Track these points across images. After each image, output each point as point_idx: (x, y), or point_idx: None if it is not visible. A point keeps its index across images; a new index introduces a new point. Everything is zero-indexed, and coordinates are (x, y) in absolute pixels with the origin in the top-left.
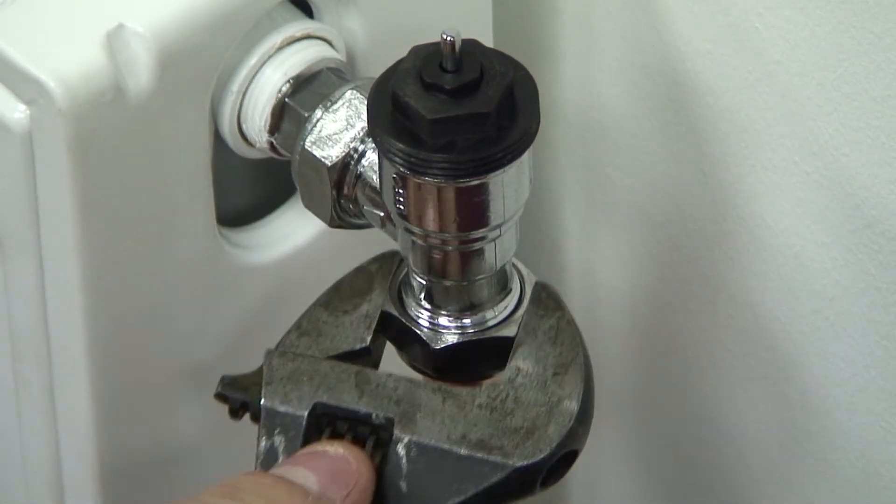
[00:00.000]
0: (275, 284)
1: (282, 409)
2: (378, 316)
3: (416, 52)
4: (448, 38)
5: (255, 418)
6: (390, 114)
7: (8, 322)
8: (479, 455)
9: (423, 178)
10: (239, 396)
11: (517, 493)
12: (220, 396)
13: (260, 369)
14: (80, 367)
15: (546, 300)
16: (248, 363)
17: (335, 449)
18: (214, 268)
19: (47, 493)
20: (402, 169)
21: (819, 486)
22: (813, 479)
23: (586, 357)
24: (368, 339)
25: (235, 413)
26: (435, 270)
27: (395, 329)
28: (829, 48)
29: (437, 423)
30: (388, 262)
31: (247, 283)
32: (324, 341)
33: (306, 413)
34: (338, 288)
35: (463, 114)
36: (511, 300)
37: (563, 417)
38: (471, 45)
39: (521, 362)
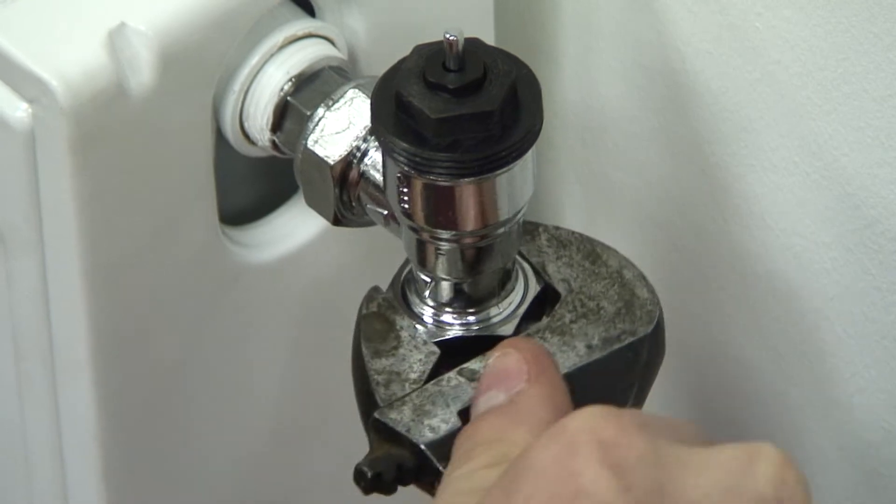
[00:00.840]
0: (277, 282)
1: (438, 437)
2: (420, 330)
3: (419, 51)
4: (450, 38)
5: (410, 477)
6: (394, 113)
7: (11, 320)
8: (616, 347)
9: (427, 177)
10: (390, 462)
11: (659, 358)
12: (375, 478)
13: (380, 440)
14: (83, 365)
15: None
16: (250, 360)
17: (496, 356)
18: (217, 266)
19: (51, 490)
20: (406, 168)
21: (819, 486)
22: (813, 479)
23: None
24: (437, 349)
25: (390, 486)
26: (438, 267)
27: (458, 349)
28: (829, 48)
29: (560, 355)
30: (377, 298)
31: (249, 281)
32: (408, 376)
33: (460, 423)
34: (369, 339)
35: (467, 113)
36: (519, 280)
37: (636, 280)
38: (473, 44)
39: (559, 276)
